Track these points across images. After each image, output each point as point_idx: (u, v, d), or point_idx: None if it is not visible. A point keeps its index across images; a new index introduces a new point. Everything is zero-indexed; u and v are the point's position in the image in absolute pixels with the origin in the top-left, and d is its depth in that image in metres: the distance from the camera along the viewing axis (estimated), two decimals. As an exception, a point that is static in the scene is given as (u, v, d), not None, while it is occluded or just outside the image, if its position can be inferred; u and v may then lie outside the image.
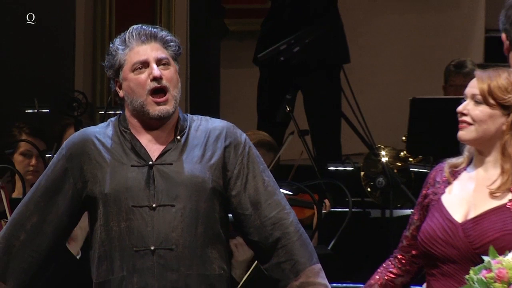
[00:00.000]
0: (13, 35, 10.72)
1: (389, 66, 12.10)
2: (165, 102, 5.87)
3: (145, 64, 5.88)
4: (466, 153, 5.78)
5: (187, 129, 5.98)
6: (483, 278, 5.31)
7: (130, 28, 5.99)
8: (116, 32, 10.28)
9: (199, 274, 5.89)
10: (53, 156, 7.87)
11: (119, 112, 6.30)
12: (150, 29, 6.01)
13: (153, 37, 5.94)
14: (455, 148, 5.82)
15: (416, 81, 10.24)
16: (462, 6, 12.07)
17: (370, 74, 12.04)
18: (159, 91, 5.85)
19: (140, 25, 6.04)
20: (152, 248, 5.81)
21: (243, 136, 6.08)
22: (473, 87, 5.65)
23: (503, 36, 6.55)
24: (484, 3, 12.55)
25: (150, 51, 5.92)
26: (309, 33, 11.25)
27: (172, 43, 5.96)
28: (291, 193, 8.46)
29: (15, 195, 8.39)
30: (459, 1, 12.56)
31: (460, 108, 5.65)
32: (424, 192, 5.88)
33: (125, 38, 5.92)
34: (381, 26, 12.41)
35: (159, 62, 5.89)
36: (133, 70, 5.88)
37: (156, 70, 5.84)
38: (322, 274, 5.95)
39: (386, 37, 12.26)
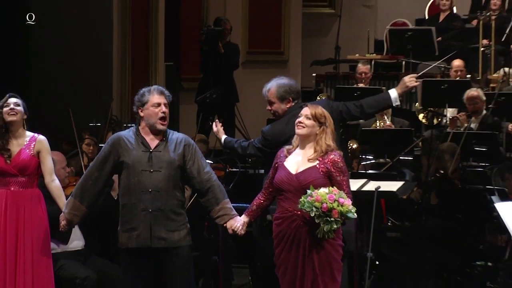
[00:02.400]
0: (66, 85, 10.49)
1: (258, 103, 11.86)
2: (165, 124, 5.93)
3: (159, 104, 5.91)
4: (293, 143, 5.77)
5: (167, 135, 5.98)
6: (309, 200, 5.42)
7: (153, 86, 6.09)
8: (132, 85, 10.21)
9: (171, 202, 5.90)
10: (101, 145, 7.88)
11: (132, 125, 6.36)
12: (162, 88, 6.07)
13: (163, 93, 5.98)
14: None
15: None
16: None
17: (250, 108, 11.81)
18: (163, 119, 5.90)
19: (157, 86, 6.17)
20: (150, 190, 5.83)
21: (192, 141, 6.12)
22: (307, 111, 5.69)
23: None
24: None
25: (163, 99, 5.94)
26: (220, 88, 11.18)
27: (168, 96, 6.00)
28: (212, 162, 8.40)
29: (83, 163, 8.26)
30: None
31: (299, 119, 5.70)
32: (275, 161, 5.85)
33: (150, 90, 5.99)
34: (257, 84, 12.12)
35: (165, 105, 5.92)
36: (153, 105, 5.91)
37: (164, 109, 5.91)
38: (230, 203, 6.01)
39: (259, 89, 11.99)
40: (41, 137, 6.31)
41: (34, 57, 10.51)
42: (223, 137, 7.16)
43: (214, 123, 7.38)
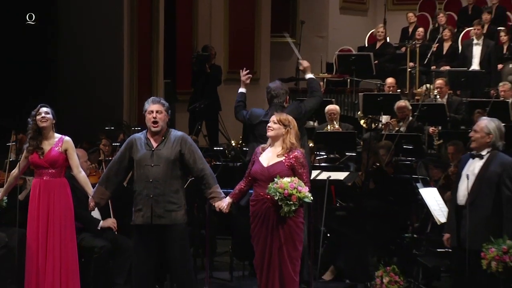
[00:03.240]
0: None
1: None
2: (156, 127, 5.75)
3: (152, 112, 5.78)
4: (268, 142, 5.73)
5: (168, 135, 5.83)
6: (274, 187, 5.41)
7: (151, 97, 5.98)
8: (138, 97, 10.09)
9: (169, 189, 5.79)
10: (118, 145, 7.79)
11: (138, 128, 6.32)
12: (158, 98, 5.93)
13: (157, 102, 5.84)
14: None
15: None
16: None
17: (229, 115, 11.61)
18: (154, 123, 5.75)
19: (154, 97, 6.01)
20: (151, 180, 5.72)
21: (189, 137, 5.97)
22: (274, 117, 5.67)
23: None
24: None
25: (155, 107, 5.81)
26: (207, 100, 11.14)
27: (165, 104, 5.85)
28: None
29: (101, 159, 8.15)
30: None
31: (268, 124, 5.69)
32: (253, 157, 5.80)
33: (149, 100, 5.86)
34: (235, 97, 12.01)
35: (156, 112, 5.77)
36: (148, 113, 5.79)
37: (154, 115, 5.77)
38: (219, 188, 5.90)
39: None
40: (67, 138, 6.25)
41: (62, 76, 10.46)
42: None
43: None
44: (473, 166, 5.58)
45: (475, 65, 11.52)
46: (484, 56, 11.45)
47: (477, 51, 11.57)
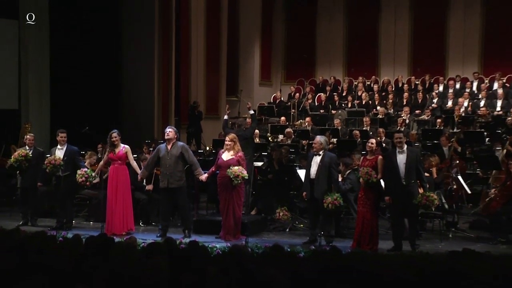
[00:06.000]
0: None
1: (210, 133, 11.31)
2: (168, 138, 5.54)
3: (167, 133, 5.54)
4: (225, 148, 5.61)
5: (176, 144, 5.65)
6: (230, 171, 5.30)
7: (168, 126, 5.75)
8: (162, 125, 9.72)
9: (176, 170, 5.58)
10: (152, 150, 7.45)
11: (162, 141, 6.13)
12: (170, 126, 5.71)
13: (170, 127, 5.64)
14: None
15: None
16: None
17: (207, 134, 11.39)
18: (168, 134, 5.52)
19: (169, 125, 5.86)
20: (167, 166, 5.47)
21: (186, 145, 5.77)
22: (227, 138, 5.51)
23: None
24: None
25: (169, 130, 5.60)
26: (195, 127, 10.96)
27: (174, 129, 5.67)
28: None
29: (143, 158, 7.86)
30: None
31: (226, 142, 5.50)
32: (218, 156, 5.68)
33: (167, 127, 5.63)
34: (210, 125, 11.77)
35: (170, 132, 5.53)
36: (166, 134, 5.57)
37: (167, 135, 5.52)
38: (200, 168, 5.69)
39: (212, 127, 11.56)
40: (127, 146, 6.15)
41: (125, 111, 10.13)
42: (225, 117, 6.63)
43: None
44: (317, 159, 5.73)
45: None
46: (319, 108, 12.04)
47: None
